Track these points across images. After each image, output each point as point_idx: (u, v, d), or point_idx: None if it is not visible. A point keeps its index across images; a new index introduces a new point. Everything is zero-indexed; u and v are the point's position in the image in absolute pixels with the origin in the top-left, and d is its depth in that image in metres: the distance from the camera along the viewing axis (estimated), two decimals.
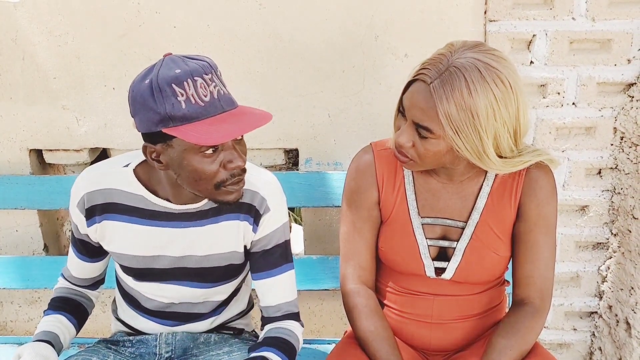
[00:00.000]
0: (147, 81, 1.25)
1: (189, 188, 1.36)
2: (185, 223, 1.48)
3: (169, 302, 1.59)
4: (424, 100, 1.32)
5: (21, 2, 2.00)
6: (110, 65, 2.05)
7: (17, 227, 2.28)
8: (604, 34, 1.95)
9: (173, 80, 1.23)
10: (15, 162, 2.18)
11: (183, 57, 1.28)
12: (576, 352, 2.38)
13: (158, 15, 1.99)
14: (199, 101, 1.24)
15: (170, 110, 1.23)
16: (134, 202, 1.47)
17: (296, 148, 2.15)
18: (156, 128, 1.26)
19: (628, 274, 2.09)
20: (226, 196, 1.36)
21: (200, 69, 1.26)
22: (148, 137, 1.31)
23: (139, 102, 1.26)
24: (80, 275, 1.64)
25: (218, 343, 1.63)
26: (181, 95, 1.23)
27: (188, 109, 1.23)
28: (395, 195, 1.55)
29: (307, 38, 2.01)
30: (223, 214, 1.49)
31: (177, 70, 1.24)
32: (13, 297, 2.41)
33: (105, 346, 1.62)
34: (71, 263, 1.63)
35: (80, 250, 1.58)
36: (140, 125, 1.29)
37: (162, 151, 1.31)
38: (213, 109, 1.26)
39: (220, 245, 1.51)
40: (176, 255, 1.50)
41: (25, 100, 2.10)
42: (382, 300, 1.65)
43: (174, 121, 1.24)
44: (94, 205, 1.48)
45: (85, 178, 1.49)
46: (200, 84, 1.24)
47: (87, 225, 1.51)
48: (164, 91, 1.23)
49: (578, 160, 2.10)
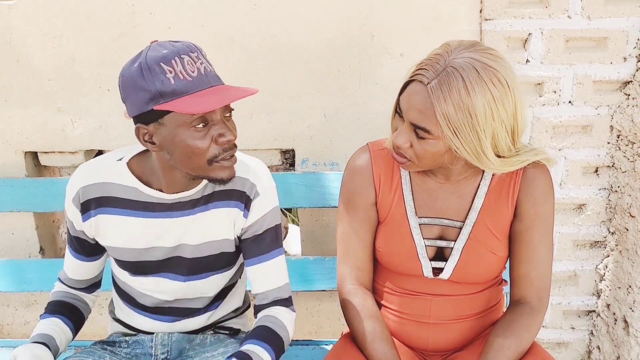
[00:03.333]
0: (136, 64, 1.30)
1: (182, 167, 1.38)
2: (178, 212, 1.49)
3: (164, 298, 1.59)
4: (421, 101, 1.32)
5: (15, 4, 1.99)
6: (105, 67, 2.04)
7: (13, 229, 2.28)
8: (600, 32, 1.95)
9: (161, 59, 1.28)
10: (11, 165, 2.18)
11: (169, 41, 1.34)
12: (574, 350, 2.38)
13: (153, 16, 1.99)
14: (187, 76, 1.29)
15: (160, 87, 1.27)
16: (127, 194, 1.48)
17: (292, 148, 2.15)
18: (147, 107, 1.29)
19: (626, 272, 2.09)
20: (220, 172, 1.38)
21: (186, 47, 1.32)
22: (140, 118, 1.33)
23: (129, 85, 1.31)
24: (77, 276, 1.63)
25: (214, 344, 1.63)
26: (170, 72, 1.28)
27: (177, 84, 1.28)
28: (393, 195, 1.55)
29: (303, 38, 2.00)
30: (213, 202, 1.50)
31: (164, 50, 1.29)
32: (9, 300, 2.41)
33: (101, 347, 1.62)
34: (68, 264, 1.63)
35: (76, 249, 1.59)
36: (132, 107, 1.32)
37: (155, 131, 1.34)
38: (201, 84, 1.30)
39: (212, 233, 1.52)
40: (170, 245, 1.51)
41: (20, 102, 2.10)
42: (379, 300, 1.64)
43: (165, 97, 1.28)
44: (89, 200, 1.49)
45: (79, 173, 1.51)
46: (187, 61, 1.30)
47: (82, 220, 1.51)
48: (153, 70, 1.28)
49: (575, 158, 2.11)
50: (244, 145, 2.12)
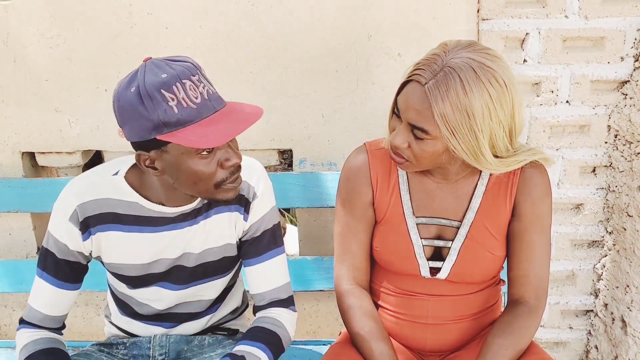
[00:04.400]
0: (134, 89, 1.22)
1: (186, 191, 1.35)
2: (182, 224, 1.46)
3: (164, 306, 1.58)
4: (419, 102, 1.32)
5: (12, 4, 1.99)
6: (102, 67, 2.04)
7: (11, 230, 2.27)
8: (597, 32, 1.95)
9: (161, 86, 1.20)
10: (8, 165, 2.17)
11: (166, 61, 1.26)
12: (572, 350, 2.38)
13: (150, 16, 1.98)
14: (190, 104, 1.22)
15: (164, 117, 1.21)
16: (129, 210, 1.43)
17: (290, 149, 2.15)
18: (150, 136, 1.23)
19: (623, 271, 2.09)
20: (225, 194, 1.35)
21: (186, 70, 1.24)
22: (140, 145, 1.28)
23: (128, 112, 1.23)
24: (52, 312, 1.49)
25: (212, 345, 1.62)
26: (172, 100, 1.21)
27: (181, 113, 1.21)
28: (390, 195, 1.55)
29: (300, 38, 2.00)
30: (214, 208, 1.48)
31: (163, 75, 1.21)
32: (7, 300, 2.40)
33: (98, 349, 1.61)
34: (42, 300, 1.48)
35: (60, 277, 1.46)
36: (132, 134, 1.26)
37: (157, 157, 1.29)
38: (205, 110, 1.24)
39: (214, 239, 1.50)
40: (174, 256, 1.49)
41: (17, 103, 2.09)
42: (376, 301, 1.64)
43: (169, 127, 1.22)
44: (88, 217, 1.42)
45: (74, 190, 1.43)
46: (189, 86, 1.22)
47: (82, 239, 1.44)
48: (154, 98, 1.20)
49: (572, 158, 2.10)
50: (241, 145, 2.11)
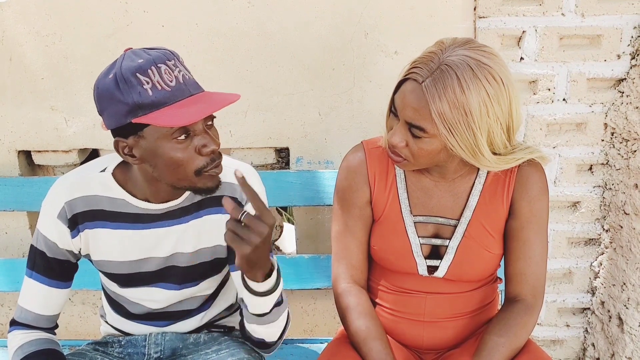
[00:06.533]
0: (111, 75, 1.25)
1: (166, 180, 1.34)
2: (170, 222, 1.46)
3: (157, 306, 1.58)
4: (416, 100, 1.32)
5: (8, 2, 1.98)
6: (98, 65, 2.03)
7: (7, 229, 2.26)
8: (594, 30, 1.96)
9: (137, 70, 1.23)
10: (4, 164, 2.16)
11: (144, 49, 1.29)
12: (569, 348, 2.39)
13: (146, 14, 1.98)
14: (165, 87, 1.24)
15: (138, 99, 1.23)
16: (116, 207, 1.44)
17: (287, 147, 2.15)
18: (126, 120, 1.25)
19: (620, 269, 2.09)
20: (206, 182, 1.34)
21: (162, 56, 1.27)
22: (118, 131, 1.29)
23: (106, 97, 1.26)
24: (44, 311, 1.49)
25: (207, 343, 1.62)
26: (147, 83, 1.23)
27: (155, 95, 1.23)
28: (387, 193, 1.55)
29: (297, 36, 2.00)
30: (205, 208, 1.48)
31: (139, 60, 1.24)
32: (3, 300, 2.40)
33: (93, 348, 1.61)
34: (32, 299, 1.48)
35: (49, 275, 1.46)
36: (109, 120, 1.28)
37: (135, 144, 1.29)
38: (180, 93, 1.26)
39: (205, 240, 1.50)
40: (163, 255, 1.49)
41: (13, 101, 2.09)
42: (374, 299, 1.64)
43: (143, 109, 1.23)
44: (76, 214, 1.43)
45: (61, 187, 1.44)
46: (164, 70, 1.25)
47: (71, 237, 1.45)
48: (129, 81, 1.23)
49: (569, 156, 2.11)
50: (238, 144, 2.11)
